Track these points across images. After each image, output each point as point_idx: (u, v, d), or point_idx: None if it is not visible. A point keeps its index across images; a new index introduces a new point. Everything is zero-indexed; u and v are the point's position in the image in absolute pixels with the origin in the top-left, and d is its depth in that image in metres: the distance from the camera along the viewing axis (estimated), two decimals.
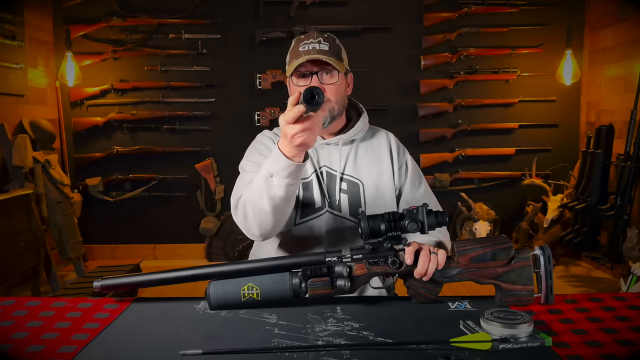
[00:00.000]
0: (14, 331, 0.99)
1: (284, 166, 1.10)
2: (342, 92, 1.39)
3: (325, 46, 1.35)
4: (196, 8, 4.00)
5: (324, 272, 1.04)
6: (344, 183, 1.39)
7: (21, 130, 3.47)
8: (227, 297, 1.04)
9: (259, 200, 1.17)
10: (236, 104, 4.07)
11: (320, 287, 1.04)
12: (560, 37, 4.00)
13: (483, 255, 1.04)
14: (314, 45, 1.34)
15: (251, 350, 0.90)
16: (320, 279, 1.04)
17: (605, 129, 3.55)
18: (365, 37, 4.02)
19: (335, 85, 1.35)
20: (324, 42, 1.35)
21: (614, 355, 0.89)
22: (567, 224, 3.86)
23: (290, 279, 1.04)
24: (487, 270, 1.04)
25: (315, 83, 1.33)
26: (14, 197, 3.03)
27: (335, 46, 1.38)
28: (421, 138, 4.09)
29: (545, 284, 1.03)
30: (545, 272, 1.03)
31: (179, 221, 4.14)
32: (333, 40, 1.39)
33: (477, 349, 0.90)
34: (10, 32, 3.40)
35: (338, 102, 1.37)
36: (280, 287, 1.04)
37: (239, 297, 1.03)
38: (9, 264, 2.91)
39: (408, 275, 1.08)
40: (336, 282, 1.03)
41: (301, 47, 1.35)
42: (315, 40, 1.36)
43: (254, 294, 1.02)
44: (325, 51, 1.34)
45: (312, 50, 1.33)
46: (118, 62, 4.03)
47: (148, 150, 4.05)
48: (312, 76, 1.34)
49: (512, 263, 1.04)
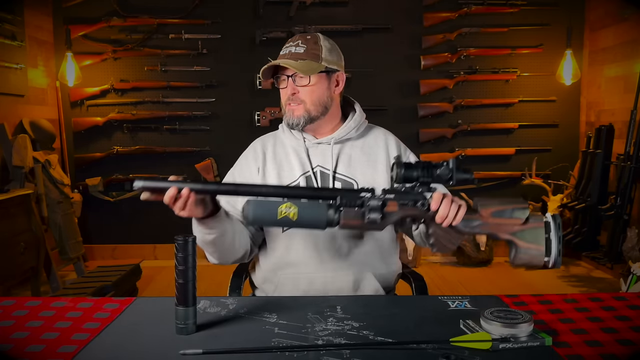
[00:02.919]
0: (14, 331, 0.99)
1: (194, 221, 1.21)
2: (319, 93, 1.37)
3: (301, 48, 1.35)
4: (196, 8, 4.00)
5: (358, 203, 1.05)
6: (337, 182, 1.38)
7: (21, 130, 3.47)
8: (264, 213, 1.03)
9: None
10: (236, 104, 4.07)
11: (353, 217, 1.04)
12: (560, 37, 4.00)
13: (503, 211, 1.06)
14: (291, 49, 1.37)
15: (251, 349, 0.90)
16: (355, 209, 1.05)
17: (605, 129, 3.55)
18: (365, 37, 4.01)
19: (309, 87, 1.36)
20: (302, 44, 1.36)
21: (614, 354, 0.89)
22: (567, 224, 3.86)
23: (326, 207, 1.05)
24: (505, 226, 1.06)
25: (289, 86, 1.37)
26: (14, 197, 3.02)
27: (315, 47, 1.36)
28: (421, 138, 4.09)
29: (555, 248, 1.05)
30: (555, 236, 1.05)
31: (179, 221, 4.11)
32: (315, 41, 1.37)
33: (477, 348, 0.90)
34: (10, 32, 3.40)
35: (314, 103, 1.37)
36: (317, 212, 1.04)
37: (275, 214, 1.02)
38: (9, 264, 2.91)
39: (432, 222, 1.08)
40: (369, 214, 1.04)
41: (283, 49, 1.39)
42: (294, 43, 1.37)
43: (290, 213, 1.02)
44: (299, 54, 1.35)
45: (287, 54, 1.36)
46: (118, 62, 4.03)
47: (148, 150, 4.05)
48: (288, 79, 1.37)
49: (528, 223, 1.05)
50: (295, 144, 1.42)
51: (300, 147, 1.41)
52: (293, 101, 1.37)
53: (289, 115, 1.39)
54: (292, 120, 1.38)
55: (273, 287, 1.39)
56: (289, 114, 1.39)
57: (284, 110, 1.41)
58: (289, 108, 1.39)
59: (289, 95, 1.37)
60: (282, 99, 1.41)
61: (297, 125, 1.38)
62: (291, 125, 1.39)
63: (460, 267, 3.98)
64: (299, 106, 1.37)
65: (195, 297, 0.99)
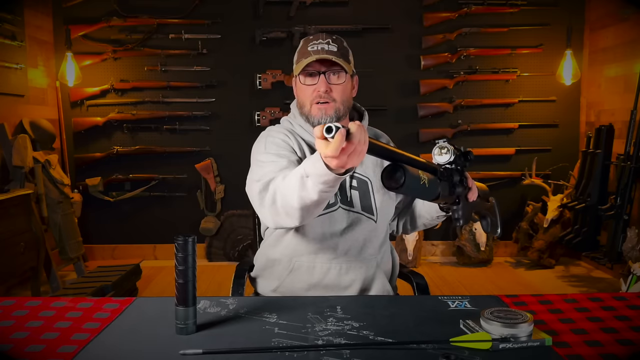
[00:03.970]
0: (14, 331, 0.99)
1: (321, 172, 1.05)
2: (347, 93, 1.40)
3: (333, 47, 1.36)
4: (196, 8, 4.00)
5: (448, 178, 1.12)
6: (354, 180, 1.41)
7: (21, 130, 3.47)
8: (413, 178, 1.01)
9: (289, 195, 1.15)
10: (236, 104, 4.07)
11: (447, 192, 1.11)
12: (560, 37, 4.00)
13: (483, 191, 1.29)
14: (323, 46, 1.36)
15: (251, 349, 0.90)
16: (445, 183, 1.11)
17: (605, 129, 3.55)
18: (365, 37, 4.02)
19: (341, 85, 1.37)
20: (332, 43, 1.37)
21: (614, 354, 0.89)
22: (567, 224, 3.86)
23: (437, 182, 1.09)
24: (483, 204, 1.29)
25: (322, 83, 1.35)
26: (14, 197, 3.02)
27: (343, 48, 1.40)
28: (421, 138, 4.09)
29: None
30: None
31: (179, 221, 4.14)
32: (341, 42, 1.40)
33: (477, 348, 0.90)
34: (10, 32, 3.40)
35: (343, 102, 1.39)
36: (434, 184, 1.07)
37: (419, 179, 1.02)
38: (9, 264, 2.91)
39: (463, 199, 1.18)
40: (458, 188, 1.13)
41: (310, 47, 1.37)
42: (324, 41, 1.37)
43: (425, 180, 1.03)
44: (334, 52, 1.36)
45: (321, 51, 1.35)
46: (118, 62, 4.03)
47: (148, 150, 4.05)
48: (320, 76, 1.36)
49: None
50: (313, 141, 1.41)
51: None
52: (324, 99, 1.36)
53: (319, 114, 1.36)
54: (324, 119, 1.36)
55: (286, 272, 1.40)
56: (320, 113, 1.36)
57: (307, 108, 1.38)
58: (320, 107, 1.36)
59: (320, 93, 1.35)
60: (308, 95, 1.38)
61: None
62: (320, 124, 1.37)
63: (460, 267, 3.98)
64: (330, 105, 1.36)
65: (195, 297, 0.99)
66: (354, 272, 1.38)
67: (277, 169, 1.27)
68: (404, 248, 3.92)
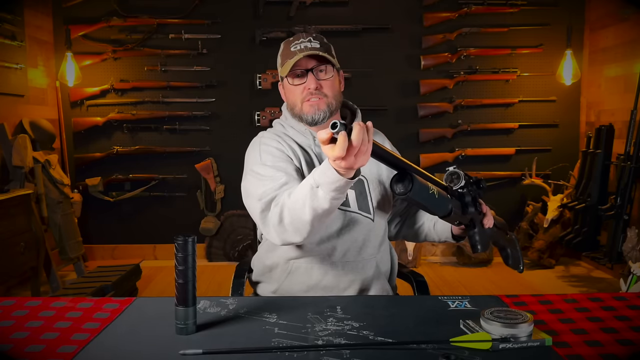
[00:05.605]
0: (14, 331, 0.99)
1: (332, 179, 1.05)
2: (337, 88, 1.40)
3: (316, 44, 1.36)
4: (196, 8, 4.00)
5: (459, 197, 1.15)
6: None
7: (21, 130, 3.47)
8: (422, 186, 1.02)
9: (300, 209, 1.14)
10: (236, 104, 4.07)
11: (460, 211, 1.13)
12: (560, 37, 4.00)
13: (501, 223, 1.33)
14: (306, 44, 1.35)
15: (251, 349, 0.90)
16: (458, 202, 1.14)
17: (605, 129, 3.55)
18: (365, 37, 4.01)
19: (330, 80, 1.37)
20: (314, 40, 1.37)
21: (614, 354, 0.89)
22: (567, 224, 3.86)
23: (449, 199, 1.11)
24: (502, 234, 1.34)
25: (311, 80, 1.34)
26: (14, 197, 3.02)
27: (325, 44, 1.39)
28: (421, 138, 4.09)
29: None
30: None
31: (179, 221, 4.14)
32: (322, 38, 1.40)
33: (477, 348, 0.90)
34: (10, 32, 3.40)
35: (335, 97, 1.38)
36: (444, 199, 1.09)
37: (428, 188, 1.04)
38: (9, 264, 2.91)
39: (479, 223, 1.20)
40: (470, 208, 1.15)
41: (292, 47, 1.36)
42: (306, 39, 1.37)
43: (435, 191, 1.05)
44: (318, 48, 1.35)
45: (305, 49, 1.34)
46: (118, 62, 4.03)
47: (148, 150, 4.05)
48: (308, 73, 1.35)
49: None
50: (307, 143, 1.40)
51: (312, 146, 1.40)
52: (315, 95, 1.35)
53: (312, 110, 1.35)
54: (317, 115, 1.35)
55: (284, 275, 1.39)
56: (312, 109, 1.35)
57: (299, 107, 1.37)
58: (312, 103, 1.35)
59: (311, 90, 1.34)
60: (298, 95, 1.37)
61: (322, 119, 1.36)
62: (315, 120, 1.36)
63: (460, 267, 3.98)
64: (321, 100, 1.35)
65: (195, 297, 0.99)
66: (353, 273, 1.38)
67: (277, 186, 1.25)
68: (404, 248, 3.92)
